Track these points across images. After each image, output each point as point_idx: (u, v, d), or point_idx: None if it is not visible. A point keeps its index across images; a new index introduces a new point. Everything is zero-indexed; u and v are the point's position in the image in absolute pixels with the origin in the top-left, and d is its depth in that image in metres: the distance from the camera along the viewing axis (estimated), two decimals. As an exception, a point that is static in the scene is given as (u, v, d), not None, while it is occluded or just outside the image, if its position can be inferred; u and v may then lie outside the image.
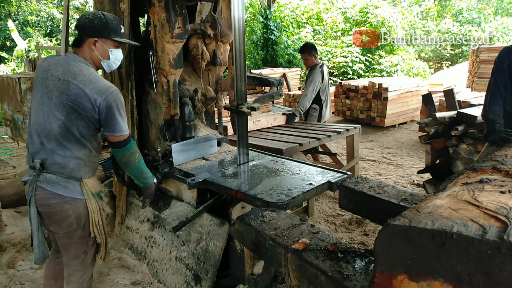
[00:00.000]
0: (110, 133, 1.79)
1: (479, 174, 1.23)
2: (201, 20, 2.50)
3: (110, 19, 1.80)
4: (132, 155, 1.90)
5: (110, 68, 1.89)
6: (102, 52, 1.82)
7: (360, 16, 12.83)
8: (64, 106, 1.70)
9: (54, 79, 1.72)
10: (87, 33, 1.77)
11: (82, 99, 1.69)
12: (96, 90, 1.70)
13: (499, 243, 0.75)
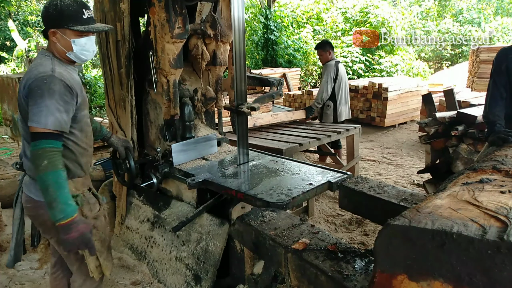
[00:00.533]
0: (29, 122, 1.47)
1: (479, 174, 1.23)
2: (201, 20, 2.50)
3: (66, 5, 1.54)
4: (38, 158, 1.44)
5: (81, 59, 1.66)
6: (65, 44, 1.59)
7: (360, 16, 12.83)
8: (19, 104, 1.61)
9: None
10: (46, 24, 1.60)
11: (20, 92, 1.56)
12: (27, 76, 1.53)
13: (499, 243, 0.75)
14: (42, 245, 2.82)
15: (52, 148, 1.45)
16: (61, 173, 1.46)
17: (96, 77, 9.93)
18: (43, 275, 2.54)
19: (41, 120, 1.43)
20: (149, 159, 2.51)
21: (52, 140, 1.46)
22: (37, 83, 1.48)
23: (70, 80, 1.57)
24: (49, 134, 1.45)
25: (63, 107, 1.49)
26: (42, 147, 1.44)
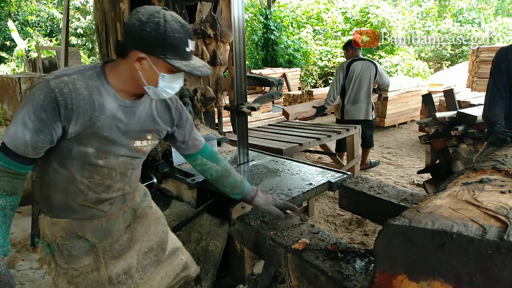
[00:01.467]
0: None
1: (479, 174, 1.23)
2: (201, 20, 2.50)
3: (172, 29, 1.12)
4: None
5: (159, 96, 1.25)
6: (150, 76, 1.18)
7: (361, 16, 12.83)
8: None
9: None
10: (133, 42, 1.15)
11: None
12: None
13: (499, 243, 0.75)
14: (42, 245, 2.83)
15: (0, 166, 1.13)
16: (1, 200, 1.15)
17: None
18: (43, 275, 2.55)
19: (8, 129, 1.12)
20: (149, 159, 2.51)
21: (4, 156, 1.13)
22: (32, 86, 1.19)
23: (78, 100, 1.14)
24: (3, 148, 1.13)
25: (33, 123, 1.11)
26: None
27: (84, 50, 13.93)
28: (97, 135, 1.20)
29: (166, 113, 1.40)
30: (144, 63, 1.16)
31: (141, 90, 1.23)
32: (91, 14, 13.08)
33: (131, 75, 1.20)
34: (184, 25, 1.16)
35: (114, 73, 1.22)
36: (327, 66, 12.70)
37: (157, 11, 1.13)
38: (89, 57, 13.60)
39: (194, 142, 1.53)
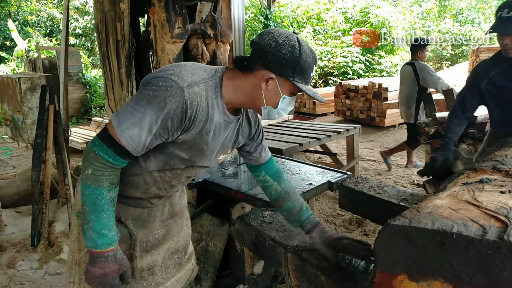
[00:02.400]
0: (113, 114, 1.11)
1: (479, 174, 1.22)
2: (201, 20, 2.50)
3: (305, 53, 1.13)
4: (85, 161, 1.10)
5: (270, 117, 1.22)
6: (271, 96, 1.16)
7: (361, 16, 12.83)
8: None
9: None
10: (264, 61, 1.12)
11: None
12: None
13: (499, 243, 0.75)
14: (42, 245, 2.83)
15: (103, 160, 1.07)
16: (104, 193, 1.08)
17: (96, 77, 9.93)
18: (43, 275, 2.54)
19: (123, 122, 1.05)
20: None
21: (114, 154, 1.07)
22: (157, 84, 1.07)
23: (199, 112, 1.11)
24: (115, 145, 1.06)
25: (157, 130, 1.06)
26: (95, 150, 1.07)
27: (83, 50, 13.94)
28: (197, 146, 1.19)
29: (247, 128, 1.36)
30: (271, 84, 1.13)
31: (250, 107, 1.25)
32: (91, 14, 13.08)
33: (251, 92, 1.17)
34: (313, 51, 1.17)
35: (231, 86, 1.17)
36: (327, 66, 12.69)
37: (291, 34, 1.14)
38: (88, 57, 13.61)
39: (259, 155, 1.45)
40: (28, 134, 3.42)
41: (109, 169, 1.08)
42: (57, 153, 3.24)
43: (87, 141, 5.70)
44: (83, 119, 8.70)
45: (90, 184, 1.07)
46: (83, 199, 1.09)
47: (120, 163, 1.09)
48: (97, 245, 1.09)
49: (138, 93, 1.10)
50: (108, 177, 1.08)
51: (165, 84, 1.05)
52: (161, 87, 1.05)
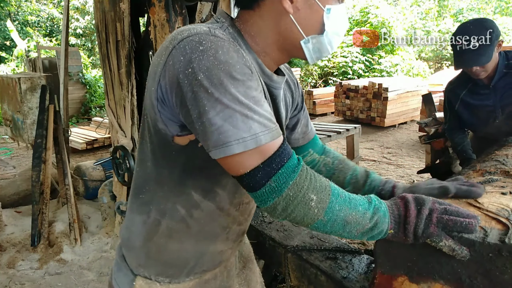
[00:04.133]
0: (217, 151, 0.65)
1: (480, 175, 1.22)
2: (201, 20, 2.50)
3: None
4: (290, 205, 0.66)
5: (320, 53, 0.80)
6: (308, 16, 0.74)
7: (361, 16, 12.82)
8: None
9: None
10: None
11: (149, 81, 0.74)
12: (159, 51, 0.72)
13: (500, 246, 0.75)
14: (42, 245, 2.83)
15: (302, 167, 0.68)
16: (336, 188, 0.72)
17: (96, 77, 9.93)
18: (43, 275, 2.54)
19: (242, 131, 0.64)
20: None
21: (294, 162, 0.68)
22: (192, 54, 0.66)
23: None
24: (282, 151, 0.67)
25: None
26: (293, 177, 0.66)
27: (84, 50, 13.93)
28: None
29: (289, 94, 0.96)
30: (299, 1, 0.73)
31: (283, 56, 0.81)
32: (91, 14, 13.08)
33: (276, 28, 0.75)
34: None
35: (249, 35, 0.77)
36: (327, 66, 12.69)
37: None
38: (88, 57, 13.61)
39: (306, 128, 1.04)
40: (28, 134, 3.42)
41: (305, 168, 0.69)
42: (57, 153, 3.24)
43: (87, 141, 5.70)
44: (83, 119, 8.70)
45: (327, 205, 0.68)
46: (338, 224, 0.70)
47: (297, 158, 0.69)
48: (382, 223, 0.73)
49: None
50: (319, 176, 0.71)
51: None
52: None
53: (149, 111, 0.73)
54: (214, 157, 0.65)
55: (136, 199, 0.82)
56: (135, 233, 0.81)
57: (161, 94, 0.68)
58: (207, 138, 0.64)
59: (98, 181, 3.62)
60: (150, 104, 0.71)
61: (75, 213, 2.95)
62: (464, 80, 2.00)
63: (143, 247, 0.81)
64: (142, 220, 0.79)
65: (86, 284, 2.43)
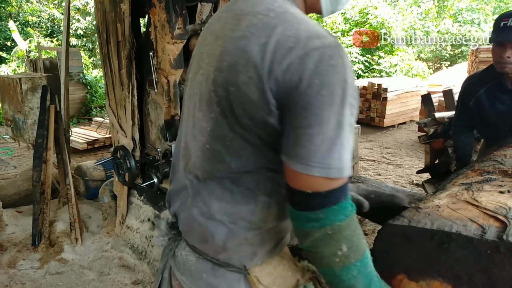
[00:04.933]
0: (297, 164, 0.64)
1: (478, 174, 1.23)
2: (201, 21, 2.51)
3: None
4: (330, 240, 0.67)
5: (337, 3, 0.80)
6: None
7: (360, 17, 12.83)
8: (211, 98, 0.72)
9: (210, 39, 0.77)
10: None
11: (240, 70, 0.66)
12: (282, 40, 0.64)
13: (498, 243, 0.76)
14: (43, 245, 2.84)
15: (353, 216, 0.69)
16: (368, 256, 0.71)
17: (97, 78, 9.93)
18: (44, 275, 2.55)
19: (332, 159, 0.63)
20: (149, 159, 2.52)
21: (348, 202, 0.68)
22: (323, 67, 0.62)
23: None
24: (345, 188, 0.67)
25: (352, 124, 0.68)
26: (340, 219, 0.66)
27: (84, 51, 13.93)
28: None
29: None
30: None
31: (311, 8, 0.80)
32: (92, 15, 13.08)
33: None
34: None
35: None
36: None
37: None
38: (89, 57, 13.61)
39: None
40: (29, 134, 3.43)
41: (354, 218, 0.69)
42: (58, 153, 3.24)
43: (87, 141, 5.71)
44: (84, 119, 8.70)
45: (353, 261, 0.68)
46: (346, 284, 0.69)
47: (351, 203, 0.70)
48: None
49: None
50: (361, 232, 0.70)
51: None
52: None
53: (248, 100, 0.66)
54: (290, 165, 0.65)
55: (231, 193, 0.74)
56: (241, 226, 0.74)
57: (276, 90, 0.64)
58: (298, 147, 0.63)
59: (99, 181, 3.62)
60: (255, 94, 0.65)
61: (76, 212, 2.96)
62: (486, 77, 1.89)
63: (257, 235, 0.76)
64: (249, 209, 0.74)
65: (86, 284, 2.44)
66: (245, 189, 0.74)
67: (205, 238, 0.77)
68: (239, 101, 0.67)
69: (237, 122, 0.69)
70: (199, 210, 0.78)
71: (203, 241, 0.78)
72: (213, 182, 0.76)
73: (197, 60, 0.82)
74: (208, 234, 0.76)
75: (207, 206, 0.76)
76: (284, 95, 0.64)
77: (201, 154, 0.77)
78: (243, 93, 0.66)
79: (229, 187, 0.74)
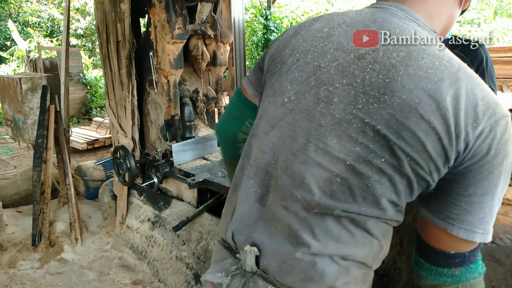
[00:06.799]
0: (456, 228, 0.65)
1: None
2: (201, 21, 2.51)
3: None
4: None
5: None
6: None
7: (360, 17, 12.83)
8: (361, 130, 0.64)
9: (344, 56, 0.71)
10: None
11: (418, 118, 0.61)
12: (472, 99, 0.60)
13: None
14: (43, 245, 2.84)
15: (483, 274, 0.72)
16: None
17: (97, 78, 9.94)
18: (44, 275, 2.55)
19: (489, 226, 0.65)
20: (149, 159, 2.52)
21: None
22: (506, 137, 0.62)
23: None
24: (480, 246, 0.69)
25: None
26: (474, 277, 0.69)
27: (84, 51, 13.95)
28: None
29: None
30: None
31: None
32: (91, 15, 13.09)
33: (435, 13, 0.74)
34: None
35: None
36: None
37: None
38: (89, 57, 13.62)
39: None
40: (29, 134, 3.43)
41: (483, 279, 0.72)
42: (58, 153, 3.25)
43: (87, 141, 5.71)
44: (84, 119, 8.71)
45: None
46: None
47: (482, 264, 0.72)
48: None
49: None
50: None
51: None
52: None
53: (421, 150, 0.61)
54: (447, 229, 0.64)
55: (349, 233, 0.68)
56: (354, 265, 0.71)
57: (463, 153, 0.60)
58: (467, 214, 0.62)
59: (99, 181, 3.63)
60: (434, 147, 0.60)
61: (76, 212, 2.96)
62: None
63: (364, 274, 0.74)
64: (365, 251, 0.70)
65: (86, 284, 2.44)
66: (363, 230, 0.68)
67: (311, 277, 0.69)
68: (407, 147, 0.61)
69: (393, 166, 0.62)
70: (305, 246, 0.68)
71: (307, 280, 0.69)
72: (330, 219, 0.67)
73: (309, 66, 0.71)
74: (315, 273, 0.68)
75: (321, 244, 0.68)
76: (469, 161, 0.61)
77: (324, 186, 0.66)
78: (417, 141, 0.60)
79: (348, 227, 0.68)
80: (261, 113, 0.76)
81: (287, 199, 0.69)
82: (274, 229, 0.71)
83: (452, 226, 0.64)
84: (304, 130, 0.68)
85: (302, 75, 0.70)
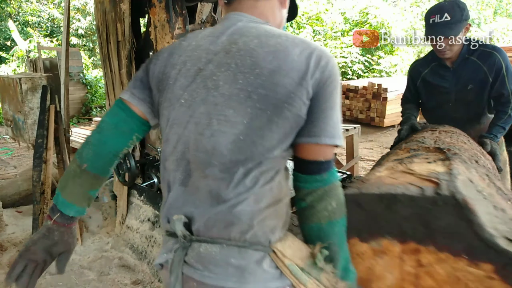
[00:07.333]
0: (322, 138, 0.84)
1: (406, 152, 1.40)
2: (201, 21, 2.51)
3: None
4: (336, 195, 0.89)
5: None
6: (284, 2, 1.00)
7: (360, 17, 12.84)
8: (247, 97, 0.82)
9: (215, 56, 0.87)
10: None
11: (282, 76, 0.81)
12: (306, 49, 0.84)
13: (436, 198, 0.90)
14: (43, 245, 2.84)
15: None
16: (345, 219, 0.90)
17: (97, 78, 9.94)
18: (44, 275, 2.55)
19: (338, 134, 0.86)
20: (149, 159, 2.52)
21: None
22: (336, 71, 0.86)
23: None
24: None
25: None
26: (337, 178, 0.89)
27: (84, 51, 13.94)
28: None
29: None
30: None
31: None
32: (91, 15, 13.09)
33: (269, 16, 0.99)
34: None
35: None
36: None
37: None
38: (89, 57, 13.62)
39: None
40: (29, 134, 3.44)
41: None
42: (58, 153, 3.25)
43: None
44: (84, 119, 8.71)
45: (343, 216, 0.89)
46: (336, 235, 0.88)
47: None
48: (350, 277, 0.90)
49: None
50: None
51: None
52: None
53: (287, 98, 0.82)
54: (318, 142, 0.84)
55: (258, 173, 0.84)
56: (264, 202, 0.85)
57: (312, 90, 0.83)
58: (325, 125, 0.84)
59: (99, 181, 3.62)
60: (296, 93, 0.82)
61: (76, 212, 2.96)
62: (429, 60, 2.15)
63: (275, 210, 0.87)
64: (270, 188, 0.86)
65: (86, 284, 2.44)
66: (266, 173, 0.84)
67: (231, 222, 0.83)
68: (282, 97, 0.82)
69: (276, 114, 0.82)
70: (223, 201, 0.84)
71: (228, 226, 0.83)
72: (240, 171, 0.83)
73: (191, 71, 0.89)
74: (234, 218, 0.83)
75: (236, 193, 0.83)
76: (312, 91, 0.84)
77: (232, 146, 0.83)
78: (287, 90, 0.82)
79: (254, 174, 0.83)
80: (166, 123, 0.92)
81: (205, 169, 0.85)
82: (197, 200, 0.87)
83: (317, 138, 0.84)
84: (204, 114, 0.85)
85: (188, 79, 0.88)
